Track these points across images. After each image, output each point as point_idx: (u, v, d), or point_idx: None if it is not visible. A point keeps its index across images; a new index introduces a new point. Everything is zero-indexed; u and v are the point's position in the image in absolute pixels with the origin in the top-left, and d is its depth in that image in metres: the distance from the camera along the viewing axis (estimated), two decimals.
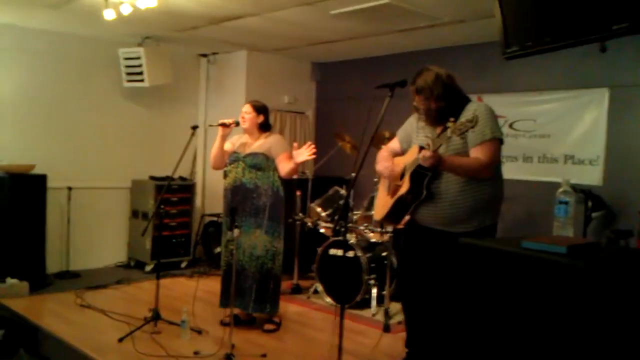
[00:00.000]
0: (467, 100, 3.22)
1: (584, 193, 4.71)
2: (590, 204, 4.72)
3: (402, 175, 3.29)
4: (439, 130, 3.11)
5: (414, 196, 3.17)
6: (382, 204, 3.44)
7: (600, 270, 2.15)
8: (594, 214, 4.74)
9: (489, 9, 4.38)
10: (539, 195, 5.23)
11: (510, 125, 5.58)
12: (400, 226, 4.84)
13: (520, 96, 5.55)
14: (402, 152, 3.46)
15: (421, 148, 3.08)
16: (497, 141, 3.13)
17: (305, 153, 4.11)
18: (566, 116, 5.30)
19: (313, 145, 4.11)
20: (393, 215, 3.35)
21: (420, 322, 3.39)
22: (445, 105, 3.13)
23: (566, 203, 2.60)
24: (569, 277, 2.08)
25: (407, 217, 3.47)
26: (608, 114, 5.04)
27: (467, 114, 3.04)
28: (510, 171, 3.35)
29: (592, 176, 5.06)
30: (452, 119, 2.91)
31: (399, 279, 3.81)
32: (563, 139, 5.32)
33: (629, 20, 2.60)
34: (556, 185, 5.00)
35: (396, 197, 3.24)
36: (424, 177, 3.12)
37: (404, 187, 3.19)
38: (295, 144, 4.28)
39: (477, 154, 3.06)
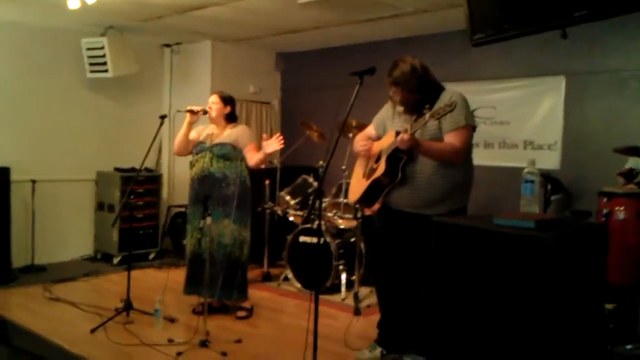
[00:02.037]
0: (442, 89, 3.32)
1: (543, 176, 4.88)
2: (549, 187, 4.91)
3: (377, 159, 3.38)
4: (415, 116, 3.21)
5: (389, 179, 3.26)
6: (357, 186, 3.52)
7: (566, 242, 2.28)
8: (553, 197, 4.94)
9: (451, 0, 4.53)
10: (500, 180, 5.41)
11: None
12: (369, 212, 4.97)
13: (481, 84, 5.70)
14: (377, 138, 3.55)
15: (397, 133, 3.17)
16: (470, 128, 3.26)
17: (274, 144, 4.16)
18: (525, 103, 5.48)
19: (281, 136, 4.16)
20: (368, 197, 3.43)
21: (393, 304, 3.49)
22: (421, 96, 3.23)
23: (532, 182, 2.73)
24: (538, 250, 2.20)
25: (377, 205, 3.55)
26: (565, 101, 5.24)
27: (443, 100, 3.15)
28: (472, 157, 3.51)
29: (550, 160, 5.26)
30: (427, 106, 3.03)
31: (373, 262, 3.90)
32: (522, 126, 5.50)
33: (589, 7, 2.74)
34: (516, 170, 5.20)
35: (372, 179, 3.32)
36: (400, 160, 3.22)
37: (380, 169, 3.27)
38: (264, 135, 4.32)
39: (451, 139, 3.18)
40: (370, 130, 3.63)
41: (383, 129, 3.52)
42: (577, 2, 2.78)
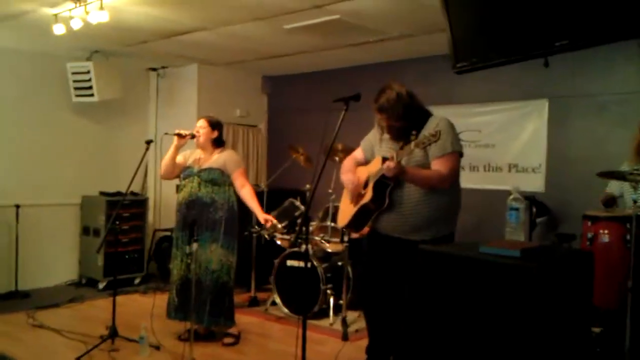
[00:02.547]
0: (429, 115, 3.35)
1: (528, 199, 4.93)
2: (534, 209, 4.95)
3: (365, 184, 3.39)
4: (402, 143, 3.23)
5: (376, 205, 3.27)
6: (345, 211, 3.53)
7: (550, 271, 2.30)
8: (538, 219, 4.98)
9: (436, 24, 4.60)
10: (485, 203, 5.44)
11: None
12: (356, 235, 4.97)
13: (466, 107, 5.77)
14: (365, 162, 3.57)
15: (384, 159, 3.20)
16: (457, 154, 3.27)
17: (268, 222, 4.48)
18: (509, 126, 5.54)
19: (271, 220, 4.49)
20: (356, 222, 3.45)
21: (381, 329, 3.49)
22: (407, 123, 3.25)
23: (517, 210, 2.76)
24: (524, 278, 2.22)
25: (367, 229, 3.57)
26: (548, 124, 5.31)
27: (430, 127, 3.18)
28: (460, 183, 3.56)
29: (535, 183, 5.31)
30: (414, 132, 3.05)
31: (361, 286, 3.90)
32: (507, 148, 5.56)
33: (569, 37, 2.80)
34: (502, 192, 5.25)
35: (359, 205, 3.34)
36: (387, 186, 3.24)
37: (367, 196, 3.29)
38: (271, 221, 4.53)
39: (438, 166, 3.20)
40: (359, 153, 3.65)
41: (371, 153, 3.54)
42: (558, 32, 2.84)
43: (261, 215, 4.44)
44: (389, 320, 3.42)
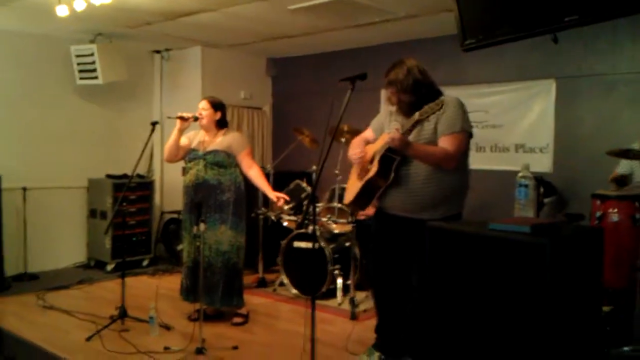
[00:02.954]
0: (439, 94, 3.31)
1: (536, 179, 4.89)
2: (542, 190, 4.94)
3: (372, 161, 3.38)
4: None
5: (381, 179, 3.25)
6: (352, 188, 3.52)
7: (563, 246, 2.30)
8: (545, 200, 4.97)
9: (441, 5, 4.57)
10: (493, 184, 5.44)
11: None
12: (362, 216, 4.98)
13: (473, 88, 5.74)
14: (374, 142, 3.55)
15: None
16: (466, 134, 3.24)
17: (280, 199, 4.43)
18: (516, 107, 5.52)
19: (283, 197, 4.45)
20: (361, 198, 3.41)
21: (390, 308, 3.50)
22: (415, 98, 3.22)
23: (526, 186, 2.75)
24: (534, 254, 2.22)
25: (372, 209, 3.56)
26: (555, 104, 5.28)
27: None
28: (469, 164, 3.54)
29: (542, 163, 5.30)
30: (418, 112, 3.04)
31: (369, 265, 3.90)
32: (514, 129, 5.55)
33: (579, 12, 2.77)
34: (509, 173, 5.24)
35: (365, 179, 3.32)
36: (393, 161, 3.21)
37: (373, 170, 3.28)
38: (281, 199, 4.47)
39: (445, 144, 3.18)
40: (368, 133, 3.63)
41: (380, 133, 3.51)
42: (567, 7, 2.82)
43: (272, 194, 4.44)
44: (397, 300, 3.43)
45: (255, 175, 4.43)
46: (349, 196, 3.55)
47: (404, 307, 3.38)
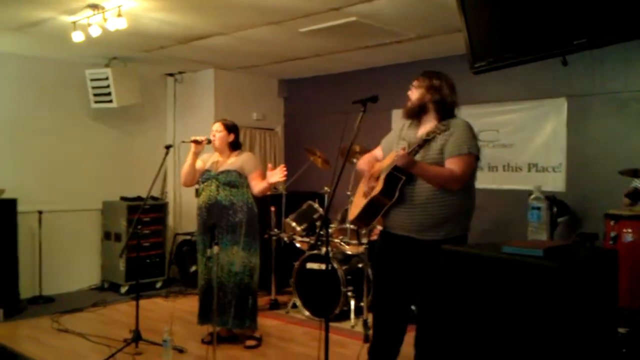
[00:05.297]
0: (453, 115, 3.33)
1: (549, 199, 4.89)
2: (555, 209, 4.91)
3: (378, 178, 3.39)
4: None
5: (385, 198, 3.25)
6: (356, 204, 3.52)
7: (576, 269, 2.29)
8: (559, 219, 4.93)
9: (452, 25, 4.59)
10: (505, 203, 5.42)
11: None
12: (374, 237, 4.97)
13: (484, 107, 5.73)
14: (383, 160, 3.56)
15: None
16: (473, 157, 3.22)
17: (278, 174, 4.17)
18: (527, 126, 5.51)
19: (285, 168, 4.19)
20: (365, 215, 3.39)
21: (387, 330, 3.43)
22: (430, 99, 3.28)
23: (538, 209, 2.75)
24: (547, 278, 2.21)
25: (377, 229, 3.55)
26: (567, 122, 5.26)
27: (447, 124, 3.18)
28: (477, 181, 3.50)
29: (555, 183, 5.27)
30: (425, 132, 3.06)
31: (374, 288, 3.88)
32: (526, 148, 5.52)
33: (588, 36, 2.78)
34: (521, 192, 5.22)
35: (369, 197, 3.32)
36: (398, 180, 3.21)
37: (378, 188, 3.28)
38: (269, 165, 4.35)
39: (451, 165, 3.17)
40: (378, 152, 3.64)
41: (389, 152, 3.52)
42: (576, 31, 2.83)
43: (273, 176, 4.21)
44: (396, 322, 3.40)
45: (258, 185, 4.35)
46: (353, 212, 3.55)
47: (402, 330, 3.36)
